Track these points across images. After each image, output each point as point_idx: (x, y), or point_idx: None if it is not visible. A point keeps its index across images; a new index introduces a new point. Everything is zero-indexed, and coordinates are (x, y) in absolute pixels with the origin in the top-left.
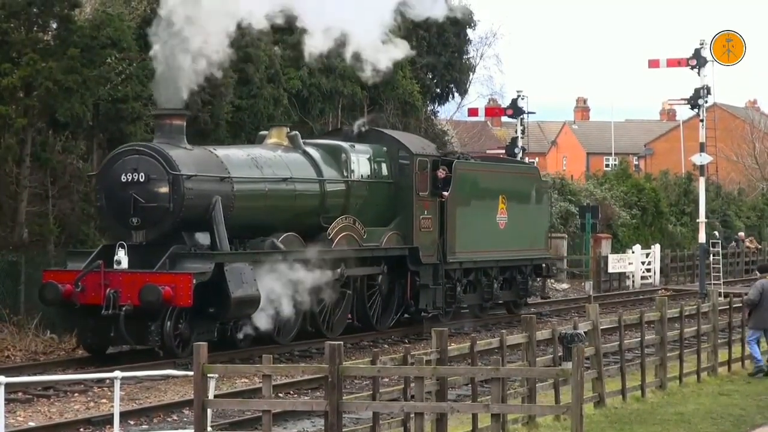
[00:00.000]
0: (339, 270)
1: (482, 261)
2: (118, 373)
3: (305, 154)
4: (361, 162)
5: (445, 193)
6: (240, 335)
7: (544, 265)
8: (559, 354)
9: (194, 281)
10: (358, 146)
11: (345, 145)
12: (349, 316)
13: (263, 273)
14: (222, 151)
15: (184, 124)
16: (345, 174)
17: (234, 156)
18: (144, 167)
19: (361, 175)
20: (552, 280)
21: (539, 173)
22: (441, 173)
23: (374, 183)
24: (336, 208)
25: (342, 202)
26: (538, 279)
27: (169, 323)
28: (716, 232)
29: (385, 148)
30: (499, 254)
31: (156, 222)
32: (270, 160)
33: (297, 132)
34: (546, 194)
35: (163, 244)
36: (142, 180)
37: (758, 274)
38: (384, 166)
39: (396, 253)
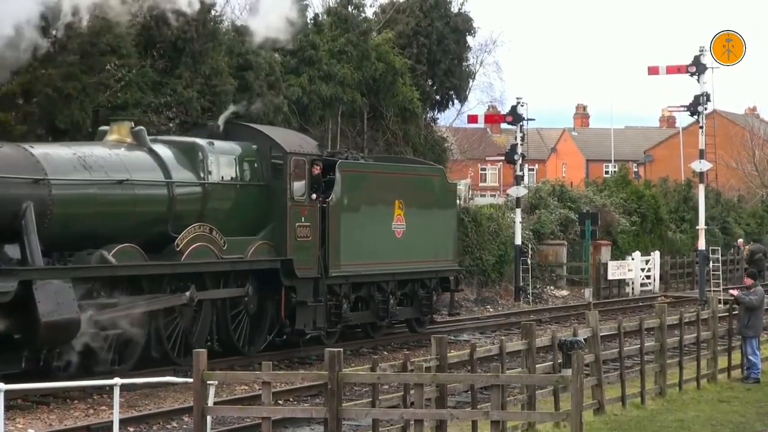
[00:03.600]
0: (188, 293)
1: (374, 274)
2: (117, 380)
3: (151, 152)
4: (222, 162)
5: (326, 197)
6: (57, 364)
7: (452, 277)
8: (559, 361)
9: None
10: (220, 144)
11: (202, 142)
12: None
13: (87, 292)
14: (40, 150)
15: None
16: (202, 176)
17: (55, 155)
18: None
19: (222, 177)
20: (551, 287)
21: (445, 175)
22: (316, 171)
23: (240, 186)
24: (189, 216)
25: (197, 208)
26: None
27: None
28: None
29: (255, 146)
30: (396, 266)
31: None
32: (103, 159)
33: (143, 127)
34: (454, 198)
35: None
36: None
37: (750, 280)
38: (253, 166)
39: (264, 266)
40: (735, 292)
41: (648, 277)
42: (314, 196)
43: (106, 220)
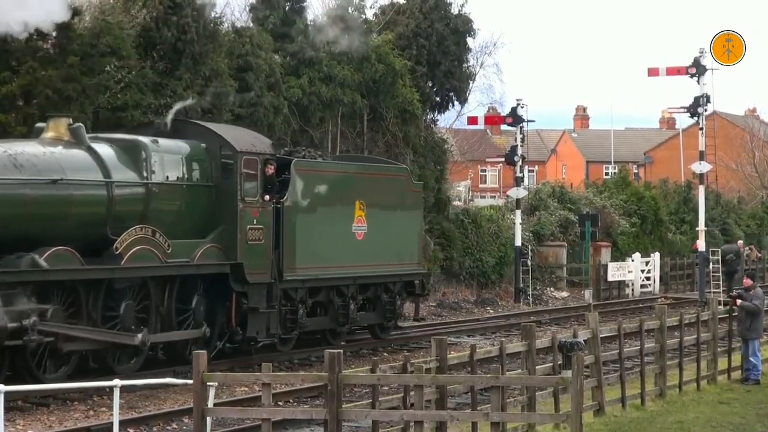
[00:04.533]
0: (140, 336)
1: (333, 278)
2: (117, 382)
3: (90, 150)
4: (167, 161)
5: (281, 198)
6: None
7: (417, 281)
8: (559, 362)
9: None
10: (165, 142)
11: (145, 140)
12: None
13: (17, 298)
14: None
15: None
16: (145, 175)
17: None
18: None
19: (168, 177)
20: (551, 288)
21: (410, 175)
22: (269, 171)
23: (186, 187)
24: (131, 217)
25: (140, 209)
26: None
27: None
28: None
29: (203, 145)
30: (357, 269)
31: None
32: (36, 158)
33: (81, 124)
34: (419, 199)
35: None
36: None
37: (749, 281)
38: (202, 166)
39: (212, 270)
40: (739, 302)
41: (648, 278)
42: (267, 197)
43: (38, 222)
